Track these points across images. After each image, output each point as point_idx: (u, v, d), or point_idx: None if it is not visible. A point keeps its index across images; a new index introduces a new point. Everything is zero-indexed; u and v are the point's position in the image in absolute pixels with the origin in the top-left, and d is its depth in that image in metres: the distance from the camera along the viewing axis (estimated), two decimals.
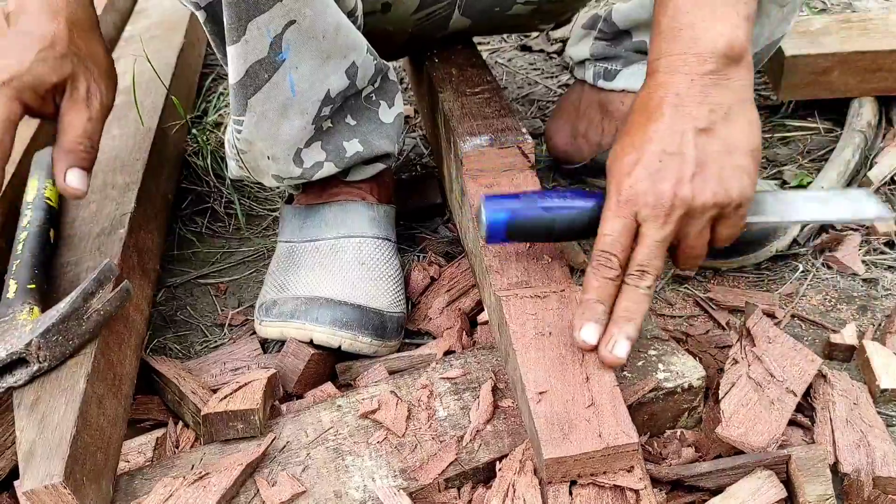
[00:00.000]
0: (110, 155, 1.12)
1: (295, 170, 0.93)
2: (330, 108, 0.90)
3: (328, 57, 0.85)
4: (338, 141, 0.94)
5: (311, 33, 0.83)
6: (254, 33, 0.81)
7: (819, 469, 0.69)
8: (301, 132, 0.90)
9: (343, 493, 0.71)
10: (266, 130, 0.89)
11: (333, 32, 0.84)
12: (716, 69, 0.74)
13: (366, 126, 0.95)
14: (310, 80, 0.86)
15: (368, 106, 0.95)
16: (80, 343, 0.77)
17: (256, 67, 0.84)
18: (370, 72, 0.92)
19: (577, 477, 0.69)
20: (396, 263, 0.97)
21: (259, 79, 0.84)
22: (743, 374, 0.80)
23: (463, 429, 0.77)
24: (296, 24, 0.81)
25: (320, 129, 0.92)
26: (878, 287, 0.99)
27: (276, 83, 0.85)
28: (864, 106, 1.22)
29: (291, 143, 0.90)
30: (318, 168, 0.94)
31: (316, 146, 0.93)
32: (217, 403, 0.76)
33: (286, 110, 0.87)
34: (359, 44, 0.88)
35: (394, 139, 0.97)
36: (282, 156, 0.92)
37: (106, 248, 0.92)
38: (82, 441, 0.69)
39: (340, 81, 0.88)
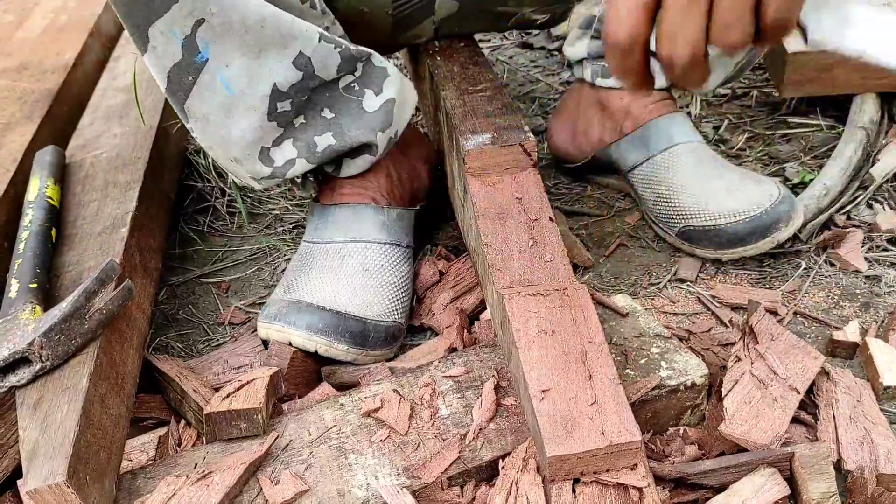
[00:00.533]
0: (111, 154, 1.12)
1: (264, 169, 0.93)
2: (289, 101, 0.89)
3: (261, 50, 0.84)
4: (309, 136, 0.93)
5: (227, 29, 0.82)
6: (158, 38, 0.82)
7: (822, 466, 0.69)
8: (257, 130, 0.89)
9: (346, 492, 0.71)
10: (216, 133, 0.89)
11: (257, 25, 0.83)
12: None
13: (344, 118, 0.93)
14: (246, 76, 0.85)
15: (350, 96, 0.93)
16: (83, 342, 0.77)
17: (176, 71, 0.84)
18: (333, 60, 0.89)
19: (580, 475, 0.68)
20: (403, 270, 0.96)
21: (184, 82, 0.85)
22: (746, 371, 0.80)
23: (466, 427, 0.77)
24: (206, 23, 0.81)
25: (289, 125, 0.91)
26: (881, 284, 0.99)
27: (205, 84, 0.85)
28: (867, 103, 1.21)
29: (249, 142, 0.90)
30: (290, 165, 0.93)
31: (287, 143, 0.92)
32: (220, 402, 0.76)
33: (230, 110, 0.87)
34: (304, 33, 0.86)
35: (375, 128, 0.94)
36: (243, 156, 0.91)
37: (108, 247, 0.91)
38: (85, 440, 0.69)
39: (289, 74, 0.87)
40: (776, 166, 1.21)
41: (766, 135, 1.29)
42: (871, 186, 1.11)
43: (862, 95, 1.23)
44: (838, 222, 1.07)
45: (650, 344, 0.83)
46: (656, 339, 0.84)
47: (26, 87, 1.32)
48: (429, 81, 1.13)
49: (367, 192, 0.99)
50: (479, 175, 0.93)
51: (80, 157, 1.14)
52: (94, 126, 1.22)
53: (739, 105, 1.37)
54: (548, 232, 0.87)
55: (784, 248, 1.04)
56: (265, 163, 0.93)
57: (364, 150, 0.97)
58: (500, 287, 0.82)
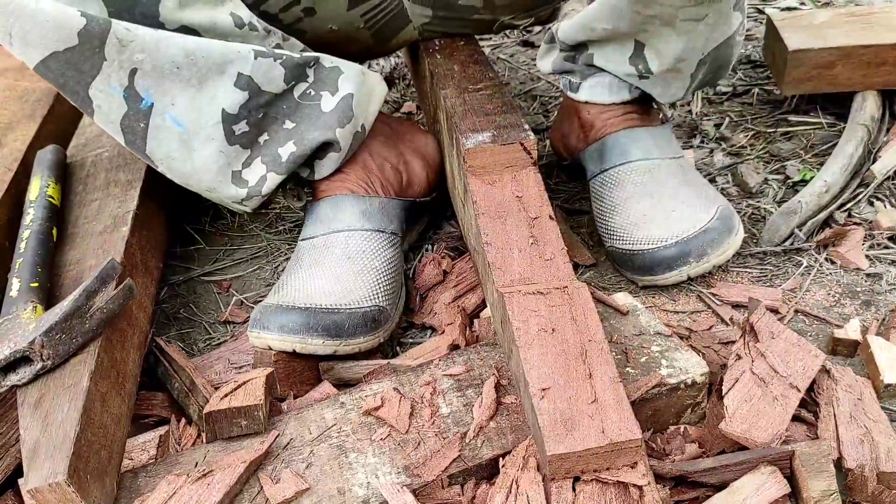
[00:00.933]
0: (112, 153, 1.12)
1: (240, 191, 0.95)
2: (244, 122, 0.91)
3: (200, 81, 0.88)
4: (273, 150, 0.95)
5: (161, 71, 0.86)
6: (100, 97, 0.86)
7: (823, 465, 0.69)
8: (220, 157, 0.92)
9: (346, 490, 0.71)
10: (182, 169, 0.93)
11: (187, 60, 0.86)
12: None
13: (304, 124, 0.95)
14: (193, 109, 0.89)
15: (308, 102, 0.95)
16: (84, 341, 0.77)
17: (127, 122, 0.88)
18: (277, 73, 0.91)
19: (580, 473, 0.68)
20: (387, 255, 0.96)
21: (137, 130, 0.89)
22: (746, 369, 0.80)
23: (466, 425, 0.77)
24: (140, 71, 0.85)
25: (254, 144, 0.94)
26: (882, 282, 0.99)
27: (157, 127, 0.89)
28: (868, 100, 1.21)
29: (216, 170, 0.93)
30: (263, 182, 0.96)
31: (256, 162, 0.95)
32: (219, 401, 0.76)
33: (188, 145, 0.90)
34: (238, 54, 0.89)
35: (332, 126, 0.96)
36: (215, 184, 0.94)
37: (108, 246, 0.92)
38: (86, 439, 0.69)
39: (234, 96, 0.89)
40: (777, 164, 1.21)
41: (768, 132, 1.28)
42: (871, 184, 1.11)
43: (863, 93, 1.23)
44: (839, 220, 1.07)
45: (651, 342, 0.83)
46: (657, 338, 0.84)
47: (28, 86, 1.32)
48: (429, 80, 1.13)
49: (343, 185, 1.00)
50: (479, 173, 0.93)
51: (81, 156, 1.14)
52: (96, 125, 1.22)
53: (741, 103, 1.37)
54: (548, 230, 0.87)
55: (785, 246, 1.04)
56: (239, 185, 0.95)
57: (328, 149, 0.98)
58: (500, 285, 0.82)
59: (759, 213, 1.12)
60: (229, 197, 0.96)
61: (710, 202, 0.98)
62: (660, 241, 0.95)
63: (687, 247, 0.95)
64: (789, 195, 1.14)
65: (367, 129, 1.01)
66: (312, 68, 0.95)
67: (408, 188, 1.06)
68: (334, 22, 1.05)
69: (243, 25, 0.91)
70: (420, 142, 1.10)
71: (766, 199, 1.15)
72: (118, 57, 0.84)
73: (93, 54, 0.84)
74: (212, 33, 0.89)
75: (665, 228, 0.96)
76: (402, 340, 0.97)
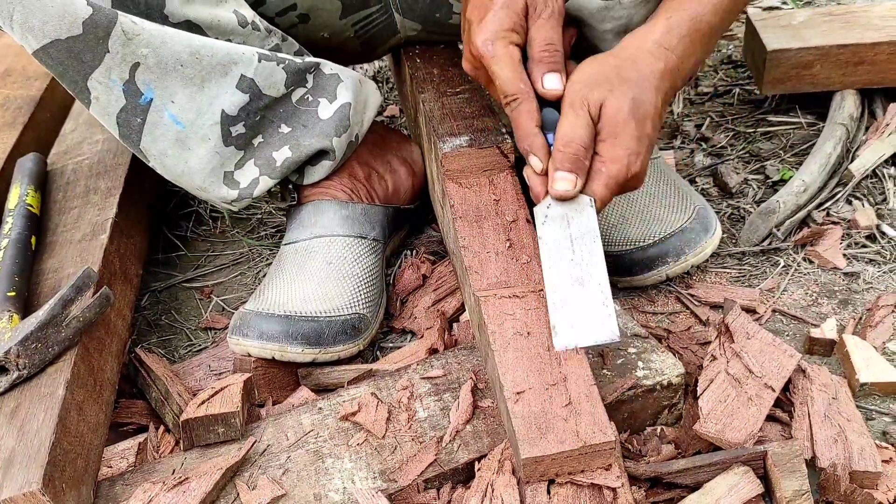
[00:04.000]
0: (93, 160, 1.12)
1: (230, 192, 0.95)
2: (242, 124, 0.91)
3: (203, 81, 0.87)
4: (267, 153, 0.95)
5: (164, 68, 0.86)
6: (99, 89, 0.86)
7: (795, 464, 0.69)
8: (215, 157, 0.92)
9: (322, 496, 0.71)
10: (175, 167, 0.93)
11: (192, 58, 0.86)
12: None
13: (300, 129, 0.95)
14: (193, 108, 0.88)
15: (305, 108, 0.95)
16: (60, 350, 0.77)
17: (124, 116, 0.88)
18: (279, 77, 0.92)
19: (554, 476, 0.69)
20: (368, 262, 0.96)
21: (133, 125, 0.89)
22: (721, 370, 0.80)
23: (443, 429, 0.77)
24: (142, 65, 0.85)
25: (249, 146, 0.94)
26: (860, 281, 0.99)
27: (154, 123, 0.89)
28: (847, 99, 1.22)
29: (209, 170, 0.93)
30: (255, 185, 0.96)
31: (249, 164, 0.95)
32: (196, 408, 0.76)
33: (184, 143, 0.90)
34: (243, 56, 0.89)
35: (329, 134, 0.96)
36: (207, 184, 0.94)
37: (87, 254, 0.92)
38: (62, 448, 0.69)
39: (234, 98, 0.89)
40: (757, 164, 1.22)
41: (748, 133, 1.29)
42: (850, 183, 1.12)
43: (842, 92, 1.23)
44: (817, 219, 1.08)
45: (627, 344, 0.84)
46: (633, 339, 0.84)
47: (9, 93, 1.32)
48: (409, 84, 1.13)
49: (328, 191, 1.00)
50: (456, 177, 0.93)
51: (61, 164, 1.14)
52: (77, 132, 1.22)
53: (721, 103, 1.38)
54: (524, 234, 0.87)
55: (763, 246, 1.05)
56: (230, 186, 0.95)
57: (322, 156, 0.98)
58: (476, 290, 0.82)
59: (738, 213, 1.13)
60: (219, 197, 0.96)
61: (688, 202, 0.98)
62: (637, 241, 0.96)
63: (664, 247, 0.95)
64: (769, 195, 1.14)
65: (361, 138, 1.01)
66: (312, 74, 0.95)
67: (393, 196, 1.06)
68: (327, 30, 1.05)
69: (246, 24, 0.91)
70: (406, 150, 1.11)
71: (746, 200, 1.15)
72: (122, 50, 0.83)
73: (96, 45, 0.83)
74: (215, 30, 0.89)
75: (642, 229, 0.96)
76: (382, 345, 0.98)
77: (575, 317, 0.74)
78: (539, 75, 0.81)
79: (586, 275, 0.76)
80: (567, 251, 0.78)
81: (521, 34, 0.82)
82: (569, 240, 0.78)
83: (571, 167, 0.77)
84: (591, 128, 0.77)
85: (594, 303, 0.75)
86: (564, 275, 0.76)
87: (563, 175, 0.77)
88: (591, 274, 0.76)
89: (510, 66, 0.80)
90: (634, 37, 0.83)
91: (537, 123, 0.80)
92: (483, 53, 0.80)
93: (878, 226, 1.06)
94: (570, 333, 0.73)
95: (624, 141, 0.77)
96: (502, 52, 0.80)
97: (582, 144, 0.77)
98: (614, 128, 0.77)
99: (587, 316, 0.74)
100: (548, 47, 0.81)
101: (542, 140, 0.80)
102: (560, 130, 0.78)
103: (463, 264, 0.86)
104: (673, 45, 0.81)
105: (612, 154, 0.77)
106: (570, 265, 0.77)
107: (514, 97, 0.80)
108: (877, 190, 1.13)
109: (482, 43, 0.80)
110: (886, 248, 1.03)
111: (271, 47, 0.93)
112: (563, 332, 0.74)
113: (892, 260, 1.02)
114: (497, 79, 0.80)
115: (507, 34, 0.80)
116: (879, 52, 1.21)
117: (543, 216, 0.80)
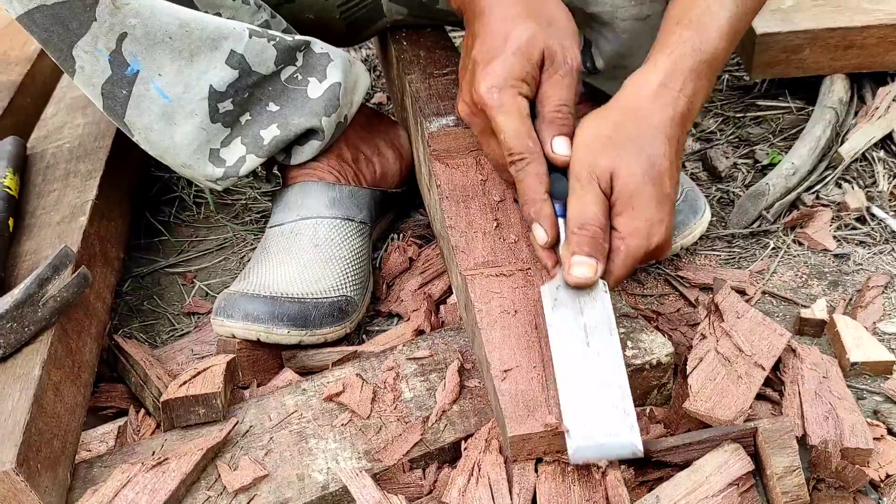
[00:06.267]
0: (73, 144, 1.10)
1: (216, 170, 0.93)
2: (230, 101, 0.89)
3: (192, 55, 0.85)
4: (255, 131, 0.93)
5: (152, 39, 0.83)
6: (84, 58, 0.83)
7: (785, 441, 0.68)
8: (201, 133, 0.90)
9: (306, 476, 0.70)
10: (160, 142, 0.90)
11: (181, 31, 0.84)
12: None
13: (289, 108, 0.93)
14: (181, 82, 0.86)
15: (294, 87, 0.93)
16: (37, 330, 0.75)
17: (109, 87, 0.85)
18: (269, 54, 0.89)
19: (542, 454, 0.68)
20: (355, 244, 0.95)
21: (119, 97, 0.86)
22: (711, 349, 0.79)
23: (429, 410, 0.76)
24: (130, 36, 0.82)
25: (236, 123, 0.92)
26: (850, 262, 0.99)
27: (140, 95, 0.86)
28: (836, 83, 1.21)
29: (195, 146, 0.91)
30: (241, 163, 0.94)
31: (236, 142, 0.93)
32: (177, 389, 0.75)
33: (171, 118, 0.88)
34: (233, 31, 0.87)
35: (319, 114, 0.94)
36: (192, 161, 0.92)
37: (66, 236, 0.90)
38: (37, 428, 0.68)
39: (224, 74, 0.87)
40: (746, 148, 1.21)
41: (737, 118, 1.28)
42: (839, 166, 1.11)
43: (831, 76, 1.23)
44: (807, 202, 1.07)
45: (616, 324, 0.82)
46: (622, 319, 0.83)
47: None
48: (395, 66, 1.12)
49: (315, 172, 0.98)
50: (442, 157, 0.92)
51: (41, 148, 1.12)
52: (58, 117, 1.20)
53: None
54: (512, 213, 0.86)
55: (753, 228, 1.04)
56: (216, 164, 0.93)
57: (311, 136, 0.96)
58: (463, 269, 0.81)
59: (728, 197, 1.12)
60: (204, 175, 0.94)
61: None
62: None
63: None
64: (758, 179, 1.13)
65: (350, 119, 0.99)
66: (302, 52, 0.93)
67: (381, 179, 1.05)
68: (312, 11, 1.03)
69: None
70: (394, 134, 1.09)
71: (735, 184, 1.14)
72: (110, 19, 0.81)
73: (83, 12, 0.81)
74: (205, 3, 0.86)
75: None
76: (369, 329, 0.96)
77: (593, 424, 0.64)
78: (549, 137, 0.74)
79: (604, 373, 0.67)
80: (581, 343, 0.69)
81: (531, 86, 0.75)
82: (583, 330, 0.70)
83: (590, 251, 0.70)
84: (604, 203, 0.70)
85: (614, 409, 0.65)
86: (579, 371, 0.67)
87: (582, 259, 0.69)
88: (609, 373, 0.68)
89: (518, 119, 0.73)
90: (634, 82, 0.75)
91: (547, 189, 0.73)
92: (487, 101, 0.73)
93: (867, 208, 1.05)
94: (589, 445, 0.64)
95: (642, 211, 0.70)
96: (510, 103, 0.73)
97: (597, 225, 0.70)
98: (629, 198, 0.70)
99: (607, 425, 0.64)
100: (561, 108, 0.75)
101: (550, 209, 0.73)
102: (571, 210, 0.71)
103: (450, 244, 0.85)
104: (679, 85, 0.73)
105: (630, 227, 0.70)
106: (586, 360, 0.68)
107: (522, 156, 0.73)
108: (866, 173, 1.12)
109: (487, 90, 0.73)
110: (876, 230, 1.02)
111: (261, 23, 0.91)
112: (579, 441, 0.64)
113: (881, 241, 1.01)
114: (502, 133, 0.73)
115: (518, 84, 0.74)
116: (869, 35, 1.20)
117: (553, 299, 0.71)
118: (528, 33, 0.74)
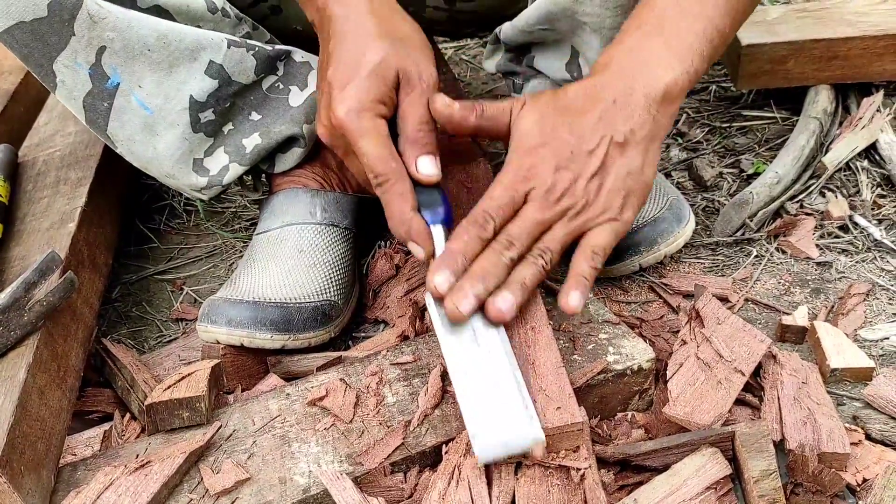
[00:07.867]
0: (65, 151, 1.11)
1: (200, 180, 0.94)
2: (211, 111, 0.90)
3: (171, 66, 0.86)
4: (237, 140, 0.94)
5: (131, 51, 0.84)
6: (65, 72, 0.85)
7: (762, 444, 0.69)
8: (183, 143, 0.91)
9: (288, 479, 0.70)
10: (143, 154, 0.91)
11: (159, 43, 0.85)
12: (654, 101, 0.76)
13: (271, 117, 0.94)
14: (161, 93, 0.87)
15: (276, 96, 0.94)
16: (22, 334, 0.76)
17: (90, 100, 0.87)
18: (249, 64, 0.90)
19: (522, 458, 0.68)
20: (340, 250, 0.96)
21: (100, 109, 0.87)
22: (691, 354, 0.80)
23: (411, 414, 0.76)
24: (109, 49, 0.84)
25: (218, 133, 0.93)
26: (832, 270, 1.00)
27: (121, 108, 0.87)
28: (820, 94, 1.23)
29: (177, 156, 0.92)
30: (224, 172, 0.95)
31: (219, 151, 0.94)
32: (161, 393, 0.75)
33: (152, 128, 0.89)
34: (211, 42, 0.88)
35: (300, 121, 0.95)
36: (176, 171, 0.93)
37: (55, 242, 0.91)
38: (21, 431, 0.68)
39: (203, 84, 0.88)
40: (732, 158, 1.22)
41: (723, 128, 1.29)
42: (823, 175, 1.12)
43: (816, 87, 1.24)
44: (791, 211, 1.08)
45: (598, 330, 0.83)
46: (605, 326, 0.84)
47: None
48: None
49: (300, 179, 0.99)
50: None
51: (33, 156, 1.13)
52: (50, 125, 1.21)
53: (698, 99, 1.38)
54: None
55: (736, 237, 1.05)
56: (200, 173, 0.94)
57: (293, 143, 0.97)
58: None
59: (713, 206, 1.13)
60: (188, 185, 0.95)
61: (661, 194, 0.98)
62: None
63: (637, 237, 0.95)
64: (743, 188, 1.14)
65: None
66: (283, 62, 0.94)
67: (367, 185, 1.06)
68: (299, 22, 1.05)
69: (216, 10, 0.90)
70: None
71: (721, 193, 1.15)
72: (88, 33, 0.82)
73: (61, 28, 0.82)
74: (184, 16, 0.88)
75: None
76: (355, 335, 0.97)
77: (494, 424, 0.66)
78: (413, 157, 0.77)
79: (497, 370, 0.69)
80: (472, 343, 0.71)
81: (389, 107, 0.77)
82: (471, 330, 0.72)
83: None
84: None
85: (512, 404, 0.67)
86: (473, 373, 0.70)
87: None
88: (501, 369, 0.69)
89: (379, 142, 0.75)
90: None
91: (412, 206, 0.76)
92: (346, 125, 0.75)
93: (850, 216, 1.06)
94: (493, 444, 0.65)
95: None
96: (369, 127, 0.75)
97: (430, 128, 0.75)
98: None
99: (506, 421, 0.66)
100: (423, 126, 0.77)
101: (420, 224, 0.76)
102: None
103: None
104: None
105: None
106: (478, 360, 0.70)
107: (386, 178, 0.76)
108: (850, 182, 1.13)
109: (346, 114, 0.75)
110: (859, 238, 1.03)
111: (242, 35, 0.93)
112: (482, 442, 0.65)
113: (864, 250, 1.02)
114: (364, 157, 0.76)
115: (375, 105, 0.76)
116: (853, 47, 1.22)
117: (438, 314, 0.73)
118: (381, 54, 0.76)
